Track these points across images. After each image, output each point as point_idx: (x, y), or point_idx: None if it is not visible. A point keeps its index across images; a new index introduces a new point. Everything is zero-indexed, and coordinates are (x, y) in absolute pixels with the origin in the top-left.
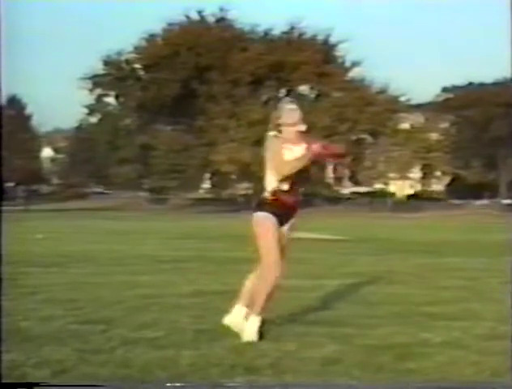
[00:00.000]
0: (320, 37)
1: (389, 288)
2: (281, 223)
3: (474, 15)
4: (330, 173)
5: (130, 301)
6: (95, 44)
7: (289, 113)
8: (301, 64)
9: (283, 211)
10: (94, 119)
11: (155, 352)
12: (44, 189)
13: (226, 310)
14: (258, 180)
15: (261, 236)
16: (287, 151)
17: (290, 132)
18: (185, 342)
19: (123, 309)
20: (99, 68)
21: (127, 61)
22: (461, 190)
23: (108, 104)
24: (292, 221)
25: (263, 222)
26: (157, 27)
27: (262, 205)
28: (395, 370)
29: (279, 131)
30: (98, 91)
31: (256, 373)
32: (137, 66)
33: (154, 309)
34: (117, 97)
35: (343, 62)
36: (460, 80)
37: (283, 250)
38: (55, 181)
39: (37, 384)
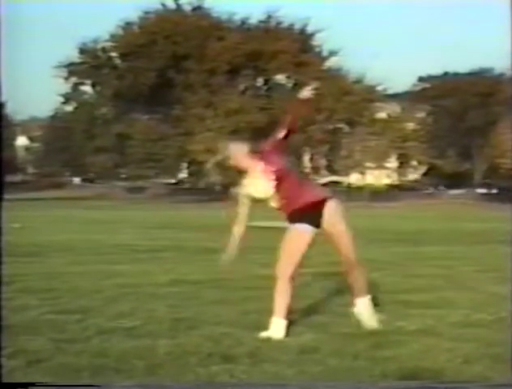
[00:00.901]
0: (297, 26)
1: (366, 276)
2: (316, 223)
3: (450, 6)
4: (307, 162)
5: (107, 290)
6: (71, 32)
7: (234, 151)
8: (278, 53)
9: (303, 214)
10: (70, 108)
11: (131, 342)
12: (19, 178)
13: (203, 299)
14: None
15: (289, 246)
16: (253, 190)
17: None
18: (162, 331)
19: (100, 299)
20: (75, 56)
21: (103, 50)
22: (437, 179)
23: (84, 92)
24: (327, 211)
25: (295, 234)
26: (133, 15)
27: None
28: (371, 358)
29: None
30: (74, 79)
31: (233, 361)
32: (113, 54)
33: (131, 298)
34: (93, 86)
35: (320, 52)
36: (436, 70)
37: (336, 244)
38: (30, 170)
39: (37, 384)
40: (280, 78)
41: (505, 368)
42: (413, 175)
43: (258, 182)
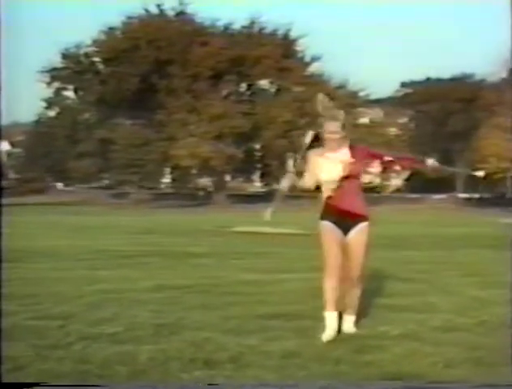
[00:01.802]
0: (280, 32)
1: None
2: (343, 230)
3: (432, 12)
4: (291, 167)
5: (90, 296)
6: (53, 37)
7: (330, 122)
8: (262, 58)
9: (337, 217)
10: (52, 113)
11: (114, 348)
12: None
13: (186, 304)
14: (218, 174)
15: (321, 243)
16: (325, 167)
17: (331, 140)
18: (145, 337)
19: (82, 305)
20: (57, 61)
21: (86, 55)
22: (419, 184)
23: (67, 97)
24: (359, 227)
25: (322, 230)
26: (116, 20)
27: (321, 212)
28: (354, 363)
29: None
30: (56, 84)
31: (216, 367)
32: (96, 59)
33: (113, 304)
34: (75, 91)
35: (302, 57)
36: (418, 76)
37: (348, 256)
38: (12, 175)
39: (37, 384)
40: (263, 83)
41: (487, 372)
42: (396, 180)
43: (332, 166)
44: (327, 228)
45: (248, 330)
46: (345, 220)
